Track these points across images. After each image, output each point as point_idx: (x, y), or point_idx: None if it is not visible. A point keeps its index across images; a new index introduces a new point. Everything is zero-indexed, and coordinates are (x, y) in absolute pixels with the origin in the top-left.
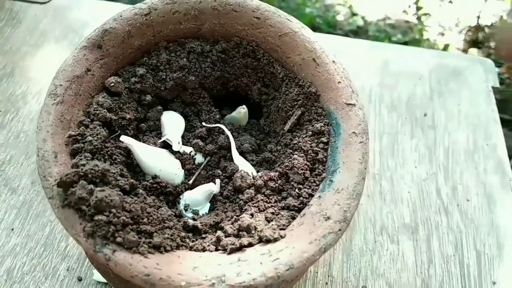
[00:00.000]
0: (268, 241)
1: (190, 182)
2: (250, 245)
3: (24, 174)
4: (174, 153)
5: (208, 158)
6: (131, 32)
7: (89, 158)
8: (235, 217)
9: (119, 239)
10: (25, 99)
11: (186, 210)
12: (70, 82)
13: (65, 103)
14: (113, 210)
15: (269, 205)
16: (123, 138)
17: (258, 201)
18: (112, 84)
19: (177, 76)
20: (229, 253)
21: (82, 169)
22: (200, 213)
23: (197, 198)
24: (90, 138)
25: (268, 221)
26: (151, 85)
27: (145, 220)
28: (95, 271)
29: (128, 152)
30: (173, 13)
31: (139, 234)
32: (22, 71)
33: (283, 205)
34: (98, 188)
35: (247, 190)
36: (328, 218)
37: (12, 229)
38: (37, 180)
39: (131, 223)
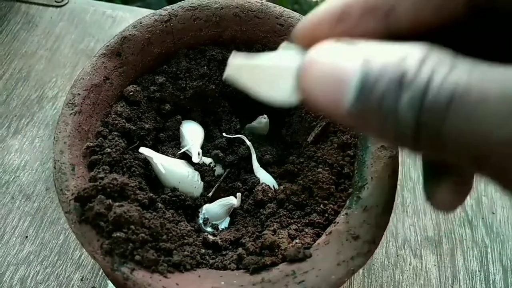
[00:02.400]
0: (292, 260)
1: (210, 194)
2: (274, 264)
3: (38, 180)
4: (193, 164)
5: (228, 169)
6: (151, 39)
7: (107, 171)
8: (256, 233)
9: (137, 258)
10: (41, 104)
11: (205, 224)
12: (88, 91)
13: (83, 113)
14: (132, 227)
15: (292, 220)
16: (142, 150)
17: (281, 216)
18: (131, 93)
19: (197, 84)
20: (252, 273)
21: (100, 183)
22: (220, 227)
23: (216, 212)
24: (108, 149)
25: (292, 238)
26: (171, 94)
27: (165, 237)
28: (110, 282)
29: (146, 164)
30: (194, 19)
31: (158, 252)
32: (38, 75)
33: (307, 221)
34: (117, 203)
35: (268, 205)
36: (357, 237)
37: (26, 237)
38: (52, 187)
39: (150, 240)
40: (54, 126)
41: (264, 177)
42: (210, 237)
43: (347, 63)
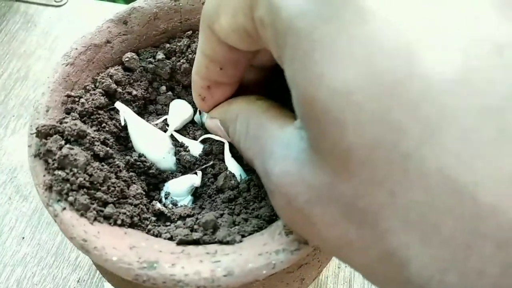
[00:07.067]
0: (220, 242)
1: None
2: (204, 242)
3: None
4: (174, 140)
5: (204, 156)
6: (158, 14)
7: (74, 118)
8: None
9: (71, 199)
10: None
11: (166, 198)
12: (86, 48)
13: (75, 66)
14: (74, 169)
15: (245, 210)
16: (117, 104)
17: (236, 204)
18: (127, 59)
19: (192, 57)
20: (177, 244)
21: (60, 125)
22: (179, 204)
23: (178, 188)
24: (83, 100)
25: (234, 225)
26: (167, 70)
27: (105, 188)
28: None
29: (124, 127)
30: (203, 2)
31: (92, 200)
32: (36, 75)
33: (258, 213)
34: (68, 146)
35: (228, 191)
36: (289, 233)
37: (23, 238)
38: None
39: (88, 186)
40: None
41: (232, 166)
42: (158, 205)
43: (214, 123)
